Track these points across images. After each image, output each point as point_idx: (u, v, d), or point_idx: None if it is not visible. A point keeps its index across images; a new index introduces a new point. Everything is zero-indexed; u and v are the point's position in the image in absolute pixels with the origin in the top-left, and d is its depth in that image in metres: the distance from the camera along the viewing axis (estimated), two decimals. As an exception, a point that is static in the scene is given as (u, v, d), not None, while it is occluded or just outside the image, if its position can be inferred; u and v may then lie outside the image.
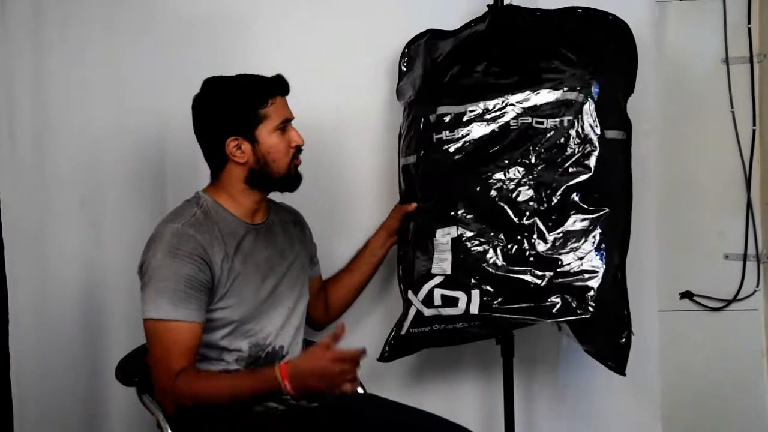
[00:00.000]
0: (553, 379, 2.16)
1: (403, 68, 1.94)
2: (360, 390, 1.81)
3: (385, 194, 2.06)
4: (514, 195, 1.69)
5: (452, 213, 1.73)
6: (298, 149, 1.65)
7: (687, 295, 2.25)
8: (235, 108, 1.61)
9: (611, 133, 1.73)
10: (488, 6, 1.87)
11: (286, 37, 2.11)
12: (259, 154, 1.62)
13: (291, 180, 1.67)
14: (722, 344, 2.25)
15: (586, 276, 1.67)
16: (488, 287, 1.69)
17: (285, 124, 1.64)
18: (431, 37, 1.90)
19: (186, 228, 1.56)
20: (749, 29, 2.20)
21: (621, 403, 2.13)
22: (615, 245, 1.73)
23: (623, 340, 1.71)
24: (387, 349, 1.84)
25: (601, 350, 1.73)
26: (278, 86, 1.63)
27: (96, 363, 2.12)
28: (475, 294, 1.69)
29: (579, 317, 1.66)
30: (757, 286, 2.22)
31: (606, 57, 1.76)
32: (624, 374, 1.70)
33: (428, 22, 1.89)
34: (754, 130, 2.20)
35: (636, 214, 1.87)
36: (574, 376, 2.16)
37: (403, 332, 1.79)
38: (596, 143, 1.70)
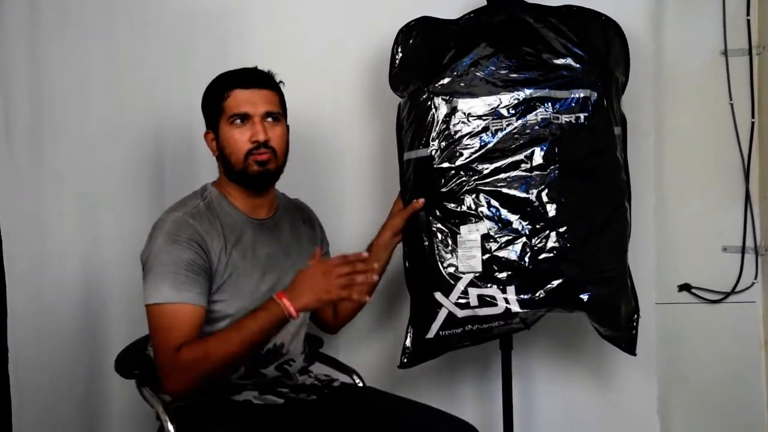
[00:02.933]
0: (552, 371, 2.17)
1: (397, 55, 1.83)
2: (359, 383, 1.81)
3: (382, 188, 2.06)
4: (541, 189, 1.71)
5: (479, 208, 1.72)
6: (258, 145, 1.58)
7: (685, 287, 2.25)
8: (206, 102, 1.65)
9: (617, 130, 1.80)
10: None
11: (283, 30, 2.11)
12: (221, 147, 1.62)
13: (248, 177, 1.60)
14: (720, 336, 2.25)
15: (609, 267, 1.76)
16: (523, 282, 1.70)
17: (241, 118, 1.59)
18: (430, 25, 1.84)
19: (186, 217, 1.57)
20: (748, 21, 2.19)
21: (619, 395, 2.14)
22: (626, 236, 1.81)
23: (634, 323, 1.83)
24: (407, 354, 1.80)
25: (618, 334, 1.81)
26: (236, 80, 1.60)
27: (95, 356, 2.11)
28: (511, 290, 1.70)
29: (610, 305, 1.75)
30: (755, 279, 2.22)
31: (607, 56, 1.80)
32: (635, 354, 1.83)
33: (424, 12, 1.87)
34: (752, 123, 2.20)
35: (635, 207, 1.87)
36: (572, 369, 2.17)
37: (430, 335, 1.74)
38: (610, 139, 1.76)
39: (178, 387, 1.50)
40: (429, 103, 1.76)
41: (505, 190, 1.72)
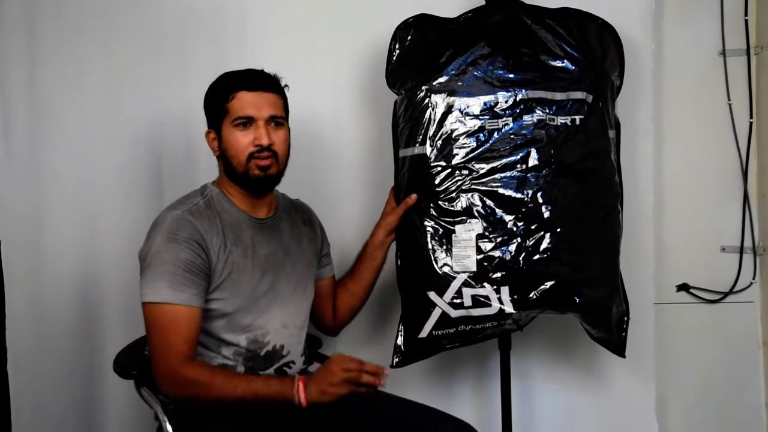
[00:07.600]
0: (551, 371, 2.17)
1: (395, 52, 1.82)
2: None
3: (380, 185, 2.06)
4: (536, 190, 1.71)
5: (474, 207, 1.72)
6: (261, 149, 1.58)
7: (684, 287, 2.25)
8: (209, 101, 1.65)
9: (611, 133, 1.80)
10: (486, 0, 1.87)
11: (281, 28, 2.11)
12: (222, 148, 1.62)
13: (249, 180, 1.61)
14: (719, 336, 2.25)
15: (602, 269, 1.76)
16: (517, 283, 1.70)
17: (246, 121, 1.59)
18: (428, 23, 1.83)
19: (186, 215, 1.57)
20: (746, 21, 2.20)
21: (617, 395, 2.14)
22: (618, 240, 1.80)
23: (624, 326, 1.82)
24: (399, 353, 1.80)
25: (608, 337, 1.81)
26: (243, 82, 1.60)
27: (93, 356, 2.11)
28: (505, 290, 1.70)
29: (601, 308, 1.75)
30: (754, 279, 2.23)
31: (604, 59, 1.80)
32: (624, 356, 1.82)
33: (423, 10, 1.86)
34: (751, 123, 2.20)
35: (633, 207, 1.87)
36: (571, 369, 2.17)
37: (423, 335, 1.74)
38: (604, 142, 1.76)
39: (171, 392, 1.54)
40: (426, 101, 1.76)
41: (500, 191, 1.72)
